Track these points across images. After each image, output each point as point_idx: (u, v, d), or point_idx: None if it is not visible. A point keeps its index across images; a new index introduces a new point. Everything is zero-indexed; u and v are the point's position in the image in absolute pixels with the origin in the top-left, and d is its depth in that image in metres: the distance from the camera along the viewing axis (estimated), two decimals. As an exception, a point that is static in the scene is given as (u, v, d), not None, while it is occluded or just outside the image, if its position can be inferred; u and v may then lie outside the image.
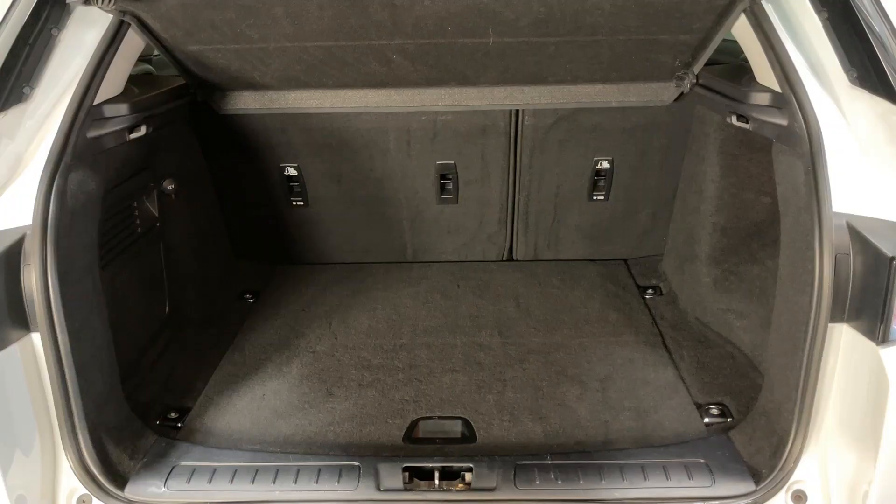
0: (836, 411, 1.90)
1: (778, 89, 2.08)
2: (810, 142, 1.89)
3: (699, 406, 2.28)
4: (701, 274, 2.75)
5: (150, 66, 3.22)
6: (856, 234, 1.79)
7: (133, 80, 2.43)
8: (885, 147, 1.91)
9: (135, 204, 2.48)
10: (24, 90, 2.06)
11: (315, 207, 3.19)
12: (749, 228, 2.63)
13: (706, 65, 2.58)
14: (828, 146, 1.89)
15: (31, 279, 1.84)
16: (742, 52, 2.42)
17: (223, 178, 3.09)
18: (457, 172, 3.08)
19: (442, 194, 3.15)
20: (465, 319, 2.88)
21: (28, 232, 1.86)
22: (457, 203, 3.18)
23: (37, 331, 1.87)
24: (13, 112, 2.04)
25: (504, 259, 3.37)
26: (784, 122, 2.05)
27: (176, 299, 2.74)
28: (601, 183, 3.09)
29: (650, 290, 3.04)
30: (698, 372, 2.46)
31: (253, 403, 2.36)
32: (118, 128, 2.21)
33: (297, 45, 2.38)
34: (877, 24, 2.01)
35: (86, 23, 2.23)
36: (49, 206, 1.88)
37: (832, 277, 1.79)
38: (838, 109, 1.97)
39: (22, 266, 1.85)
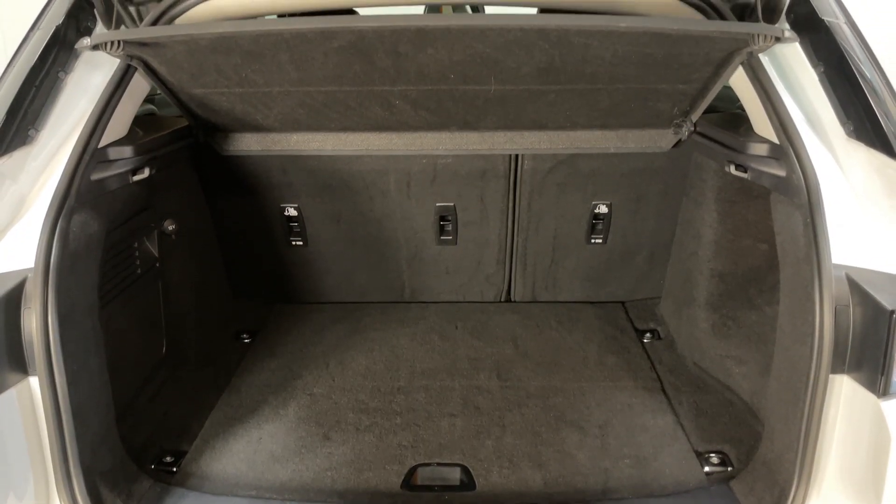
0: (837, 463, 1.89)
1: (776, 140, 2.11)
2: (808, 193, 1.91)
3: (699, 454, 2.27)
4: (699, 319, 2.76)
5: (154, 106, 3.25)
6: (855, 287, 1.81)
7: (137, 120, 2.45)
8: (882, 199, 1.94)
9: (135, 244, 2.48)
10: (30, 132, 2.08)
11: (314, 247, 3.20)
12: (747, 274, 2.64)
13: (704, 112, 2.61)
14: (826, 198, 1.91)
15: (31, 323, 1.83)
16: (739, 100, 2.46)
17: (223, 217, 3.09)
18: (456, 214, 3.10)
19: (441, 235, 3.17)
20: (463, 361, 2.87)
21: (30, 275, 1.86)
22: (455, 244, 3.19)
23: (35, 375, 1.86)
24: (18, 154, 2.05)
25: (502, 300, 3.37)
26: (782, 173, 2.08)
27: (173, 339, 2.73)
28: (599, 226, 3.11)
29: (648, 334, 3.05)
30: (697, 418, 2.45)
31: (249, 447, 2.34)
32: (122, 170, 2.22)
33: (300, 89, 2.40)
34: (872, 79, 2.06)
35: (92, 66, 2.26)
36: (52, 249, 1.87)
37: (832, 329, 1.80)
38: (836, 161, 2.00)
39: (22, 309, 1.84)
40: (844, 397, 1.86)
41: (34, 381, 1.87)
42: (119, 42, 2.04)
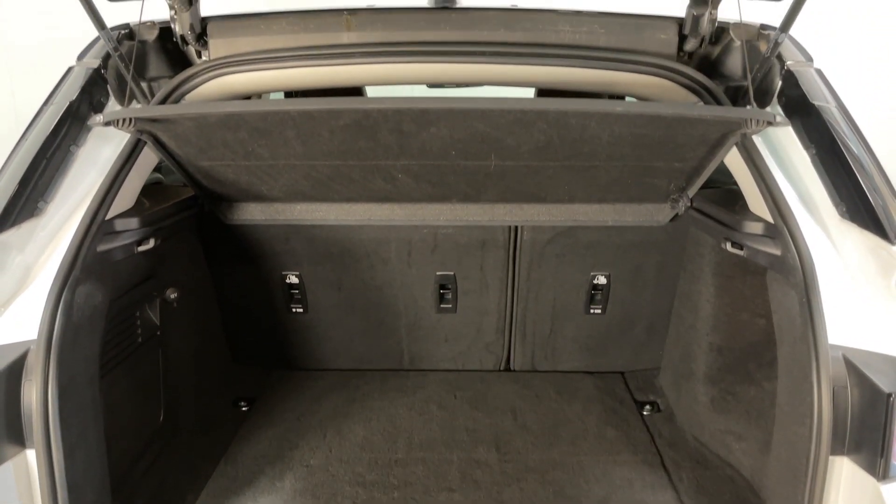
0: (839, 547, 1.87)
1: (770, 219, 2.15)
2: (804, 273, 1.94)
3: (700, 533, 2.25)
4: (698, 393, 2.75)
5: (160, 174, 3.30)
6: (852, 368, 1.82)
7: (143, 189, 2.49)
8: (877, 280, 1.97)
9: (137, 313, 2.49)
10: (39, 204, 2.11)
11: (314, 314, 3.21)
12: (745, 349, 2.65)
13: (701, 188, 2.67)
14: (821, 278, 1.94)
15: (31, 396, 1.83)
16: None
17: (225, 283, 3.12)
18: (456, 283, 3.12)
19: (441, 303, 3.18)
20: (461, 433, 2.85)
21: (32, 347, 1.87)
22: (455, 312, 3.21)
23: (32, 448, 1.85)
24: (26, 225, 2.09)
25: (501, 369, 3.37)
26: (777, 252, 2.11)
27: (171, 407, 2.71)
28: (598, 297, 3.13)
29: (648, 406, 3.03)
30: (698, 495, 2.43)
31: (244, 521, 2.31)
32: (128, 241, 2.25)
33: (305, 163, 2.46)
34: (864, 162, 2.12)
35: (103, 138, 2.32)
36: (55, 321, 1.89)
37: (831, 411, 1.80)
38: (830, 242, 2.03)
39: (23, 381, 1.84)
40: (845, 480, 1.85)
41: (31, 455, 1.86)
42: (131, 119, 2.10)
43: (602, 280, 3.08)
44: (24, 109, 5.95)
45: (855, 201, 2.05)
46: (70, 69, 2.44)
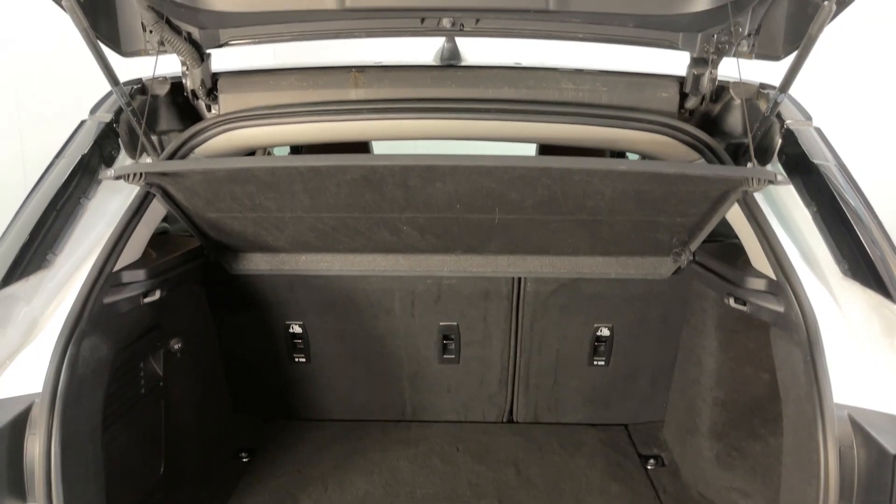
0: None
1: (773, 276, 2.16)
2: (807, 331, 1.95)
3: None
4: (703, 447, 2.73)
5: (166, 224, 3.33)
6: (858, 428, 1.81)
7: (150, 239, 2.52)
8: (881, 339, 1.97)
9: (141, 364, 2.49)
10: (48, 256, 2.13)
11: (317, 363, 3.21)
12: (750, 404, 2.64)
13: (704, 241, 2.68)
14: (825, 336, 1.94)
15: (34, 450, 1.82)
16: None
17: (228, 333, 3.12)
18: (459, 334, 3.12)
19: (444, 354, 3.18)
20: (464, 487, 2.82)
21: (37, 400, 1.87)
22: (458, 363, 3.20)
23: (34, 502, 1.84)
24: (34, 277, 2.10)
25: (504, 420, 3.34)
26: (780, 309, 2.12)
27: (172, 458, 2.69)
28: (601, 349, 3.13)
29: (652, 460, 3.00)
30: (704, 554, 2.40)
31: (243, 578, 2.27)
32: (134, 293, 2.27)
33: (312, 215, 2.48)
34: (865, 220, 2.14)
35: (112, 190, 2.35)
36: (60, 375, 1.89)
37: (838, 472, 1.79)
38: (833, 299, 2.04)
39: (26, 436, 1.84)
40: (853, 542, 1.83)
41: (31, 510, 1.84)
42: (142, 174, 2.13)
43: (605, 332, 3.08)
44: (31, 156, 6.08)
45: (857, 259, 2.06)
46: (82, 123, 2.49)
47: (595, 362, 3.16)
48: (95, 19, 2.25)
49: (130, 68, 2.50)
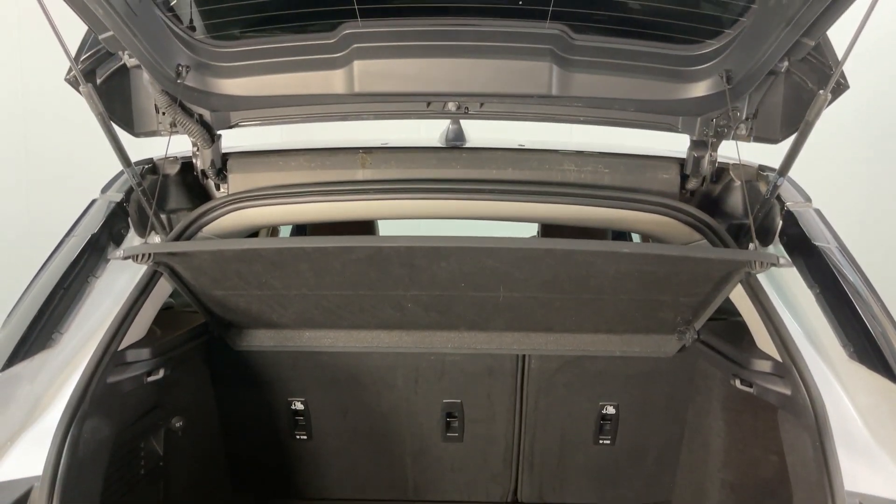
0: None
1: (778, 357, 2.16)
2: (816, 416, 1.93)
3: None
4: (712, 531, 2.67)
5: (171, 299, 3.34)
6: (870, 518, 1.78)
7: (154, 318, 2.52)
8: (889, 423, 1.95)
9: (142, 444, 2.46)
10: (54, 336, 2.14)
11: (318, 441, 3.16)
12: (759, 486, 2.59)
13: (708, 320, 2.68)
14: (833, 420, 1.92)
15: None
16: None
17: (229, 409, 3.09)
18: (463, 411, 3.09)
19: (447, 432, 3.14)
20: (467, 571, 2.74)
21: (36, 484, 1.84)
22: (462, 441, 3.16)
23: (26, 592, 1.80)
24: (39, 357, 2.10)
25: (508, 500, 3.27)
26: (787, 392, 2.10)
27: (169, 542, 2.64)
28: (607, 427, 3.09)
29: (660, 543, 2.93)
30: None
31: None
32: (138, 372, 2.26)
33: (317, 293, 2.50)
34: (869, 303, 2.15)
35: (119, 269, 2.37)
36: (61, 458, 1.87)
37: None
38: (840, 383, 2.03)
39: None
40: None
41: None
42: (151, 254, 2.16)
43: (611, 410, 3.05)
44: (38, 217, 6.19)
45: (862, 342, 2.07)
46: (93, 202, 2.53)
47: (601, 441, 3.11)
48: (111, 102, 2.32)
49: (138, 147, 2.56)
